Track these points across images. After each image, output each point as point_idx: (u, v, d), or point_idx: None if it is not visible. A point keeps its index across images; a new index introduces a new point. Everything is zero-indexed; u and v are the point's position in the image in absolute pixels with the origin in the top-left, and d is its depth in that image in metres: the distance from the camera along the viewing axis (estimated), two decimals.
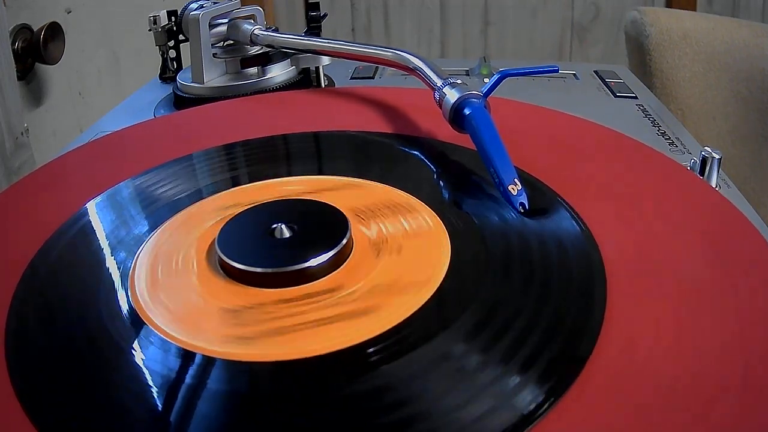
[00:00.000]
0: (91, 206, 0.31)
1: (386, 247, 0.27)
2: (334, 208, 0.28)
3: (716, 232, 0.27)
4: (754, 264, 0.25)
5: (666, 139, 0.43)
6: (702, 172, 0.33)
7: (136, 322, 0.23)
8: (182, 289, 0.25)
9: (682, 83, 0.72)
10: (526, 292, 0.24)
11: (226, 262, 0.25)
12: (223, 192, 0.31)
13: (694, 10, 1.31)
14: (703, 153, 0.33)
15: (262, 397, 0.20)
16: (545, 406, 0.19)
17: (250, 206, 0.29)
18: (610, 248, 0.25)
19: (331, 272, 0.25)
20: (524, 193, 0.28)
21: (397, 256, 0.26)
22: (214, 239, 0.26)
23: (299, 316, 0.23)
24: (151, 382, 0.21)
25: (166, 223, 0.29)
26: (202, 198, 0.31)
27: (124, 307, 0.24)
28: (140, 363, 0.22)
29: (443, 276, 0.24)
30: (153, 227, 0.29)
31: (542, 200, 0.29)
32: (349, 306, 0.23)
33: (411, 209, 0.29)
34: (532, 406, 0.19)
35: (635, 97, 0.51)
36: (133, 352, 0.22)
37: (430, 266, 0.25)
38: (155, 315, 0.24)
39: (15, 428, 0.19)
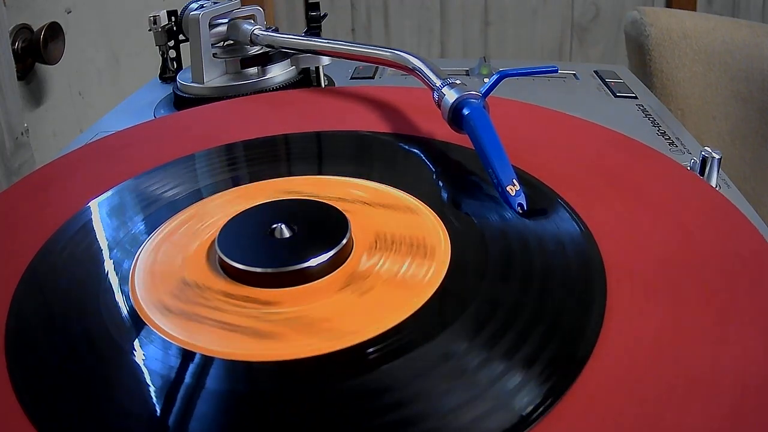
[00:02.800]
0: (91, 206, 0.31)
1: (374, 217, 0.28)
2: (334, 208, 0.28)
3: (716, 231, 0.26)
4: (754, 263, 0.25)
5: (666, 139, 0.43)
6: (702, 172, 0.33)
7: (136, 322, 0.23)
8: (182, 289, 0.25)
9: (682, 83, 0.72)
10: (526, 292, 0.24)
11: (226, 262, 0.25)
12: (223, 192, 0.31)
13: (694, 10, 1.31)
14: (703, 153, 0.33)
15: (262, 397, 0.20)
16: (545, 407, 0.19)
17: (250, 206, 0.29)
18: (609, 248, 0.25)
19: (331, 272, 0.25)
20: (522, 194, 0.28)
21: (392, 223, 0.27)
22: (214, 239, 0.26)
23: (360, 294, 0.24)
24: (150, 382, 0.21)
25: (166, 224, 0.29)
26: (202, 198, 0.31)
27: (124, 307, 0.24)
28: (140, 363, 0.22)
29: (443, 276, 0.24)
30: (153, 227, 0.29)
31: (542, 200, 0.29)
32: (395, 272, 0.25)
33: (379, 192, 0.29)
34: (532, 407, 0.19)
35: (635, 97, 0.51)
36: (133, 352, 0.22)
37: (434, 233, 0.26)
38: (155, 315, 0.24)
39: (15, 428, 0.19)
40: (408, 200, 0.30)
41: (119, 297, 0.25)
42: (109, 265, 0.27)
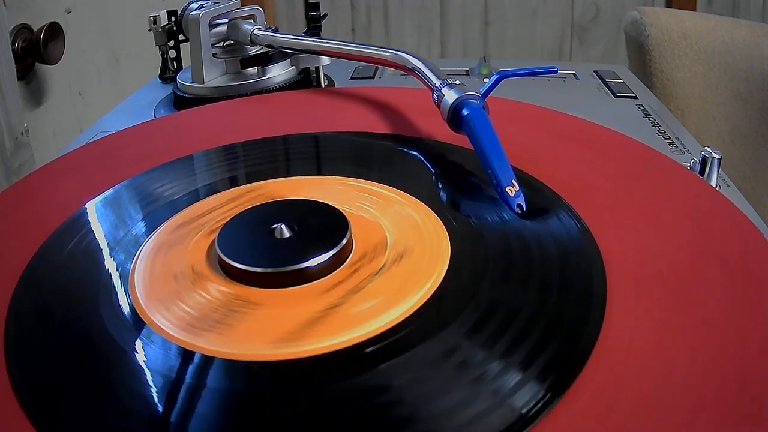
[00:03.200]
0: (91, 206, 0.31)
1: (376, 220, 0.28)
2: (334, 208, 0.28)
3: (716, 231, 0.27)
4: (753, 263, 0.25)
5: (666, 139, 0.43)
6: (702, 172, 0.33)
7: (136, 321, 0.23)
8: (182, 289, 0.25)
9: (682, 83, 0.72)
10: (526, 291, 0.24)
11: (226, 262, 0.25)
12: (222, 192, 0.31)
13: (694, 10, 1.31)
14: (703, 153, 0.33)
15: (261, 397, 0.20)
16: (545, 406, 0.19)
17: (250, 206, 0.29)
18: (609, 248, 0.25)
19: (332, 272, 0.25)
20: (522, 195, 0.28)
21: (394, 224, 0.27)
22: (214, 239, 0.26)
23: (360, 295, 0.24)
24: (150, 382, 0.21)
25: (166, 224, 0.29)
26: (201, 198, 0.31)
27: (124, 307, 0.24)
28: (140, 363, 0.22)
29: (443, 276, 0.24)
30: (153, 227, 0.29)
31: (542, 200, 0.29)
32: (395, 273, 0.25)
33: (366, 189, 0.30)
34: (532, 406, 0.19)
35: (635, 97, 0.51)
36: (133, 351, 0.22)
37: (434, 233, 0.27)
38: (155, 315, 0.24)
39: (15, 428, 0.19)
40: (408, 200, 0.30)
41: (119, 297, 0.25)
42: (108, 265, 0.27)
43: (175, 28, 0.55)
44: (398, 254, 0.26)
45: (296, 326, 0.23)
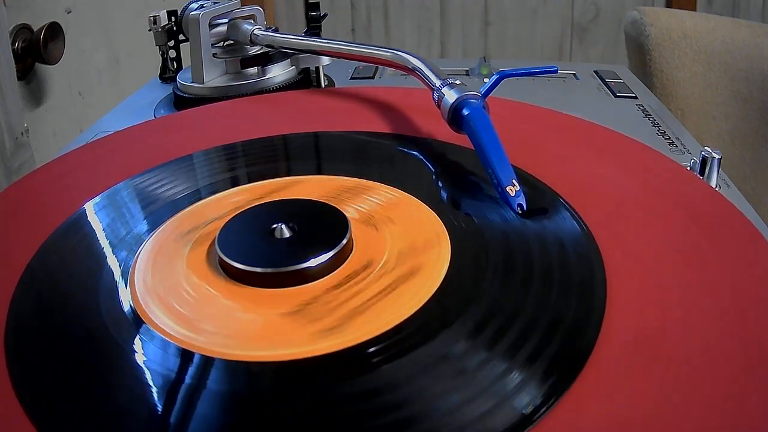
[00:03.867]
0: (91, 206, 0.31)
1: (377, 221, 0.28)
2: (335, 208, 0.28)
3: (716, 231, 0.26)
4: (754, 263, 0.25)
5: (666, 139, 0.43)
6: (702, 172, 0.33)
7: (136, 321, 0.23)
8: (183, 289, 0.25)
9: (682, 83, 0.72)
10: (527, 291, 0.24)
11: (226, 262, 0.25)
12: (223, 192, 0.31)
13: (694, 10, 1.31)
14: (703, 153, 0.33)
15: (261, 398, 0.20)
16: (546, 406, 0.19)
17: (250, 206, 0.29)
18: (609, 248, 0.25)
19: (332, 272, 0.25)
20: (522, 194, 0.28)
21: (394, 224, 0.28)
22: (214, 239, 0.26)
23: (360, 295, 0.24)
24: (150, 382, 0.21)
25: (166, 223, 0.29)
26: (201, 198, 0.31)
27: (125, 307, 0.24)
28: (140, 363, 0.22)
29: (443, 276, 0.24)
30: (153, 227, 0.29)
31: (542, 200, 0.29)
32: (395, 273, 0.25)
33: (366, 188, 0.30)
34: (533, 406, 0.19)
35: (635, 97, 0.51)
36: (133, 351, 0.22)
37: (431, 227, 0.27)
38: (155, 315, 0.24)
39: (15, 428, 0.19)
40: (408, 200, 0.30)
41: (119, 296, 0.25)
42: (108, 265, 0.27)
43: (175, 28, 0.55)
44: (398, 254, 0.26)
45: (296, 326, 0.23)
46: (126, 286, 0.25)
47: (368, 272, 0.25)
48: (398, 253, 0.26)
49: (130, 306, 0.24)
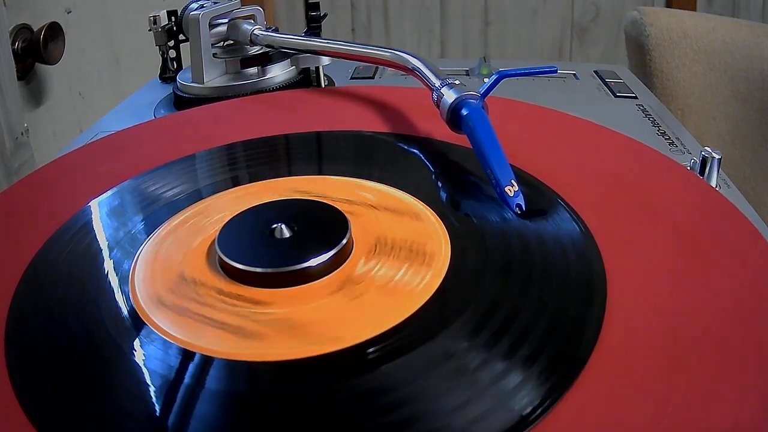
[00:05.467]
0: (91, 206, 0.31)
1: (377, 221, 0.28)
2: (335, 208, 0.28)
3: (716, 231, 0.27)
4: (753, 264, 0.25)
5: (666, 139, 0.43)
6: (702, 172, 0.33)
7: (136, 321, 0.23)
8: (182, 289, 0.25)
9: (682, 83, 0.72)
10: (526, 292, 0.24)
11: (226, 262, 0.25)
12: (223, 192, 0.31)
13: (694, 10, 1.31)
14: (703, 153, 0.33)
15: (262, 397, 0.20)
16: (545, 406, 0.19)
17: (250, 206, 0.29)
18: (609, 248, 0.25)
19: (332, 272, 0.25)
20: (521, 194, 0.28)
21: (394, 224, 0.28)
22: (214, 239, 0.26)
23: (360, 294, 0.24)
24: (150, 382, 0.21)
25: (166, 224, 0.29)
26: (201, 198, 0.31)
27: (125, 308, 0.24)
28: (140, 363, 0.22)
29: (443, 276, 0.24)
30: (153, 228, 0.29)
31: (542, 200, 0.29)
32: (394, 273, 0.25)
33: (368, 188, 0.30)
34: (532, 407, 0.19)
35: (635, 97, 0.51)
36: (133, 351, 0.22)
37: (431, 227, 0.27)
38: (155, 315, 0.24)
39: (15, 428, 0.19)
40: (407, 200, 0.30)
41: (119, 297, 0.25)
42: (109, 265, 0.27)
43: (175, 28, 0.55)
44: (399, 253, 0.26)
45: (297, 326, 0.23)
46: (126, 287, 0.25)
47: (368, 272, 0.25)
48: (398, 252, 0.26)
49: (130, 306, 0.24)
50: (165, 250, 0.27)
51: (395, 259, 0.26)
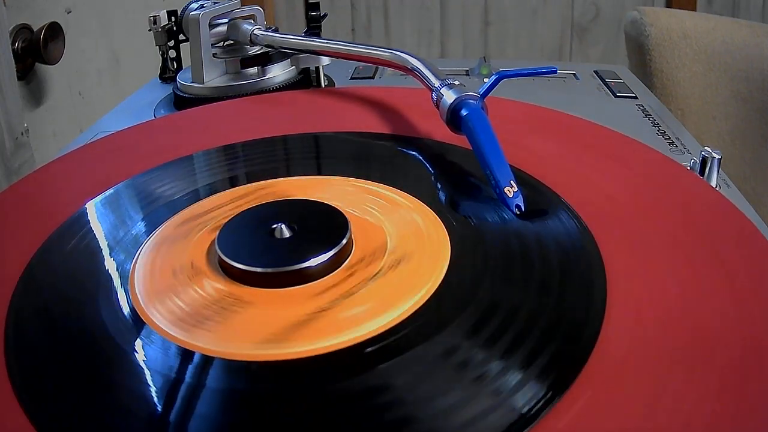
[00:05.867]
0: (91, 206, 0.31)
1: (377, 221, 0.28)
2: (334, 208, 0.28)
3: (716, 231, 0.27)
4: (753, 263, 0.25)
5: (666, 139, 0.43)
6: (702, 172, 0.33)
7: (136, 321, 0.23)
8: (183, 290, 0.25)
9: (682, 83, 0.72)
10: (526, 291, 0.24)
11: (226, 262, 0.25)
12: (222, 192, 0.31)
13: (694, 10, 1.31)
14: (703, 153, 0.33)
15: (261, 397, 0.20)
16: (545, 406, 0.19)
17: (250, 206, 0.29)
18: (609, 248, 0.25)
19: (332, 272, 0.25)
20: (520, 195, 0.28)
21: (394, 224, 0.27)
22: (214, 239, 0.26)
23: (360, 295, 0.24)
24: (150, 382, 0.21)
25: (166, 223, 0.29)
26: (201, 198, 0.31)
27: (124, 307, 0.24)
28: (140, 363, 0.22)
29: (443, 275, 0.24)
30: (153, 227, 0.29)
31: (542, 200, 0.29)
32: (395, 272, 0.25)
33: (369, 188, 0.30)
34: (532, 406, 0.19)
35: (635, 97, 0.51)
36: (133, 351, 0.22)
37: (433, 233, 0.27)
38: (155, 315, 0.24)
39: (14, 428, 0.19)
40: (407, 200, 0.30)
41: (119, 297, 0.25)
42: (108, 265, 0.27)
43: (175, 28, 0.55)
44: (399, 253, 0.26)
45: (297, 326, 0.23)
46: (126, 286, 0.25)
47: (368, 272, 0.25)
48: (398, 252, 0.26)
49: (130, 306, 0.24)
50: (165, 250, 0.27)
51: (395, 259, 0.26)
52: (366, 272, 0.25)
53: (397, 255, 0.26)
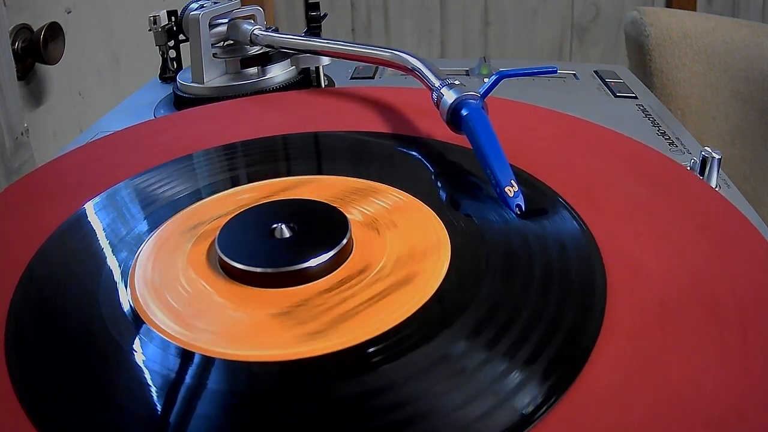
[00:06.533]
0: (91, 206, 0.31)
1: (380, 225, 0.28)
2: (335, 208, 0.28)
3: (716, 231, 0.27)
4: (753, 263, 0.25)
5: (666, 139, 0.43)
6: (702, 172, 0.33)
7: (136, 321, 0.23)
8: (182, 289, 0.25)
9: (682, 83, 0.72)
10: (526, 291, 0.24)
11: (226, 262, 0.25)
12: (222, 192, 0.31)
13: (694, 10, 1.31)
14: (703, 153, 0.33)
15: (261, 398, 0.20)
16: (546, 407, 0.19)
17: (249, 206, 0.29)
18: (609, 248, 0.25)
19: (332, 272, 0.25)
20: (521, 195, 0.28)
21: (396, 228, 0.27)
22: (214, 239, 0.26)
23: (350, 299, 0.23)
24: (150, 382, 0.21)
25: (166, 223, 0.29)
26: (201, 198, 0.31)
27: (125, 307, 0.24)
28: (140, 363, 0.22)
29: (443, 276, 0.24)
30: (153, 227, 0.29)
31: (542, 200, 0.29)
32: (389, 279, 0.24)
33: (376, 190, 0.30)
34: (533, 406, 0.19)
35: (635, 97, 0.51)
36: (133, 351, 0.22)
37: (434, 233, 0.27)
38: (155, 314, 0.24)
39: (15, 428, 0.19)
40: (408, 200, 0.30)
41: (119, 296, 0.25)
42: (108, 265, 0.27)
43: (175, 28, 0.55)
44: (399, 253, 0.26)
45: (297, 326, 0.23)
46: (126, 287, 0.25)
47: (368, 273, 0.25)
48: (398, 252, 0.26)
49: (130, 306, 0.24)
50: (165, 250, 0.27)
51: (395, 259, 0.26)
52: (366, 272, 0.25)
53: (397, 255, 0.26)
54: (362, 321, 0.22)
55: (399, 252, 0.26)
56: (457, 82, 0.34)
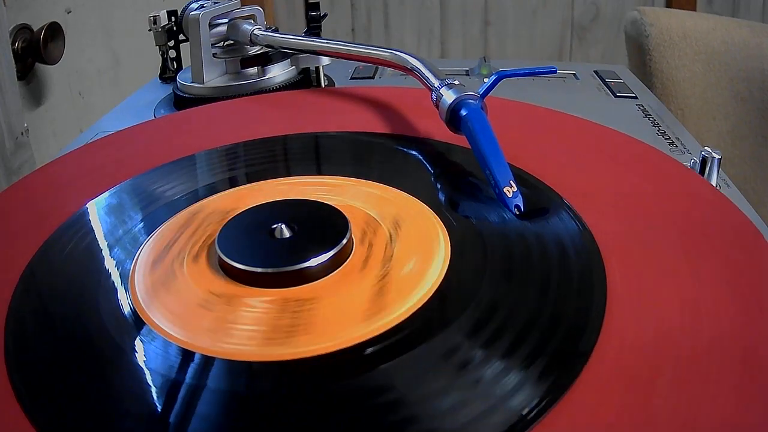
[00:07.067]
0: (91, 206, 0.31)
1: (377, 221, 0.28)
2: (334, 208, 0.28)
3: (716, 231, 0.27)
4: (754, 263, 0.25)
5: (666, 139, 0.43)
6: (702, 172, 0.33)
7: (136, 321, 0.23)
8: (182, 289, 0.25)
9: (682, 83, 0.72)
10: (526, 291, 0.24)
11: (226, 262, 0.25)
12: (222, 192, 0.31)
13: (694, 10, 1.31)
14: (703, 153, 0.33)
15: (261, 398, 0.20)
16: (545, 407, 0.19)
17: (250, 206, 0.29)
18: (609, 248, 0.25)
19: (332, 272, 0.25)
20: (520, 195, 0.28)
21: (394, 224, 0.27)
22: (214, 239, 0.26)
23: (350, 299, 0.24)
24: (150, 382, 0.21)
25: (166, 224, 0.29)
26: (201, 198, 0.31)
27: (125, 307, 0.24)
28: (140, 363, 0.22)
29: (443, 276, 0.24)
30: (153, 227, 0.29)
31: (541, 200, 0.29)
32: (388, 279, 0.25)
33: (369, 189, 0.30)
34: (533, 406, 0.19)
35: (635, 97, 0.51)
36: (133, 351, 0.22)
37: (433, 233, 0.27)
38: (155, 314, 0.24)
39: (14, 428, 0.19)
40: (407, 200, 0.30)
41: (119, 297, 0.25)
42: (108, 265, 0.27)
43: (175, 28, 0.55)
44: (398, 253, 0.26)
45: (296, 326, 0.23)
46: (126, 287, 0.25)
47: (368, 272, 0.25)
48: (398, 252, 0.26)
49: (130, 306, 0.24)
50: (165, 250, 0.27)
51: (394, 258, 0.26)
52: (366, 272, 0.25)
53: (397, 255, 0.26)
54: (362, 321, 0.22)
55: (398, 252, 0.26)
56: (456, 82, 0.34)
